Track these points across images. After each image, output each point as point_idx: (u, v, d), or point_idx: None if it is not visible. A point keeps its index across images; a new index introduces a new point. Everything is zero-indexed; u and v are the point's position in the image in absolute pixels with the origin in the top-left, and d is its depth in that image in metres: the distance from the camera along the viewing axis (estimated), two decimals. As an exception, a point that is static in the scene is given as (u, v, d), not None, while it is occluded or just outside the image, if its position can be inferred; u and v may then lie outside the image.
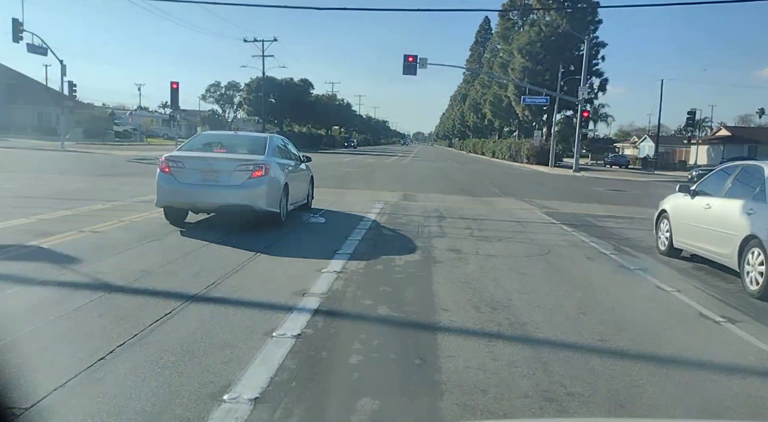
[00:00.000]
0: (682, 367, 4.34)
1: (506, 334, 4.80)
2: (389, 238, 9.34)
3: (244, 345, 4.22)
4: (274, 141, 11.12)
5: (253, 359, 3.96)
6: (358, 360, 4.06)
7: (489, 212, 13.68)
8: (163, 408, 3.22)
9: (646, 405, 3.61)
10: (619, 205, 17.84)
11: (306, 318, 4.93)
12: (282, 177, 10.52)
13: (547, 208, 15.11)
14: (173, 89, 42.47)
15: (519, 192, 20.85)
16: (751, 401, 3.78)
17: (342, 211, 13.02)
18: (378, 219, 11.54)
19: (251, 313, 5.09)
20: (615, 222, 13.09)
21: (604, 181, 32.57)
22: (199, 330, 4.53)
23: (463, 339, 4.63)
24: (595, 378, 3.92)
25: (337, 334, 4.66)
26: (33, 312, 4.83)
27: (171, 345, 4.14)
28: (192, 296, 5.46)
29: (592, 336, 4.85)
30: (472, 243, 9.10)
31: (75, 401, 3.27)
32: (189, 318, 4.84)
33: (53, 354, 3.97)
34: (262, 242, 8.49)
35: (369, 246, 8.54)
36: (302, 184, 12.43)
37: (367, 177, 25.10)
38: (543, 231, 10.95)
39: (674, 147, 72.84)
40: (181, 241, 8.43)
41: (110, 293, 5.44)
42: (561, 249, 8.87)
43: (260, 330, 4.59)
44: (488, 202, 16.27)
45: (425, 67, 41.90)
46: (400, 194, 17.20)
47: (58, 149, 36.74)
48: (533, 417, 3.33)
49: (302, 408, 3.31)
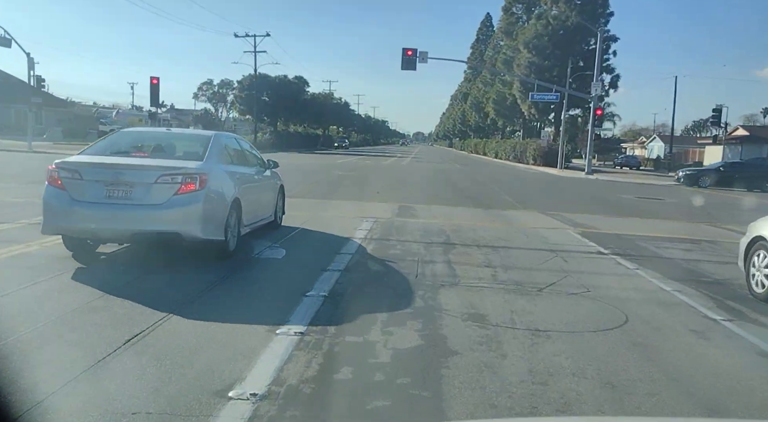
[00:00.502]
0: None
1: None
2: (373, 289, 6.14)
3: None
4: (220, 141, 7.96)
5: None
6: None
7: (509, 233, 10.49)
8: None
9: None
10: (664, 219, 14.63)
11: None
12: (230, 190, 7.43)
13: (581, 226, 11.93)
14: (153, 85, 39.22)
15: (536, 201, 17.65)
16: None
17: (319, 231, 9.88)
18: (363, 247, 8.38)
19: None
20: (678, 248, 9.89)
21: (624, 186, 29.37)
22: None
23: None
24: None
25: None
26: None
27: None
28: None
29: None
30: (501, 298, 5.91)
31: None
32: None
33: None
34: (184, 291, 5.49)
35: (340, 307, 5.36)
36: (265, 197, 9.30)
37: (360, 182, 21.90)
38: (594, 268, 7.75)
39: (686, 147, 69.51)
40: (67, 288, 5.53)
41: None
42: (642, 311, 5.66)
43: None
44: (504, 217, 13.07)
45: (425, 61, 38.78)
46: (395, 206, 14.01)
47: (24, 150, 33.52)
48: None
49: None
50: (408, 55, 37.96)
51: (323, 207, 13.39)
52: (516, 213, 14.11)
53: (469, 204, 15.68)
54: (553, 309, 5.59)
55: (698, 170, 34.34)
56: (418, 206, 14.30)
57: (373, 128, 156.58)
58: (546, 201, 18.00)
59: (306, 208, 13.01)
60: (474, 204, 15.72)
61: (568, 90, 41.89)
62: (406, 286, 6.23)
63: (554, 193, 22.37)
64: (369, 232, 9.82)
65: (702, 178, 31.31)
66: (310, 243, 8.78)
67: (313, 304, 5.34)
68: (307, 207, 13.18)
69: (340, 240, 8.97)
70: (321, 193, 16.89)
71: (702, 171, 33.52)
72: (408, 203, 14.80)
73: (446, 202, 15.91)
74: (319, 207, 13.35)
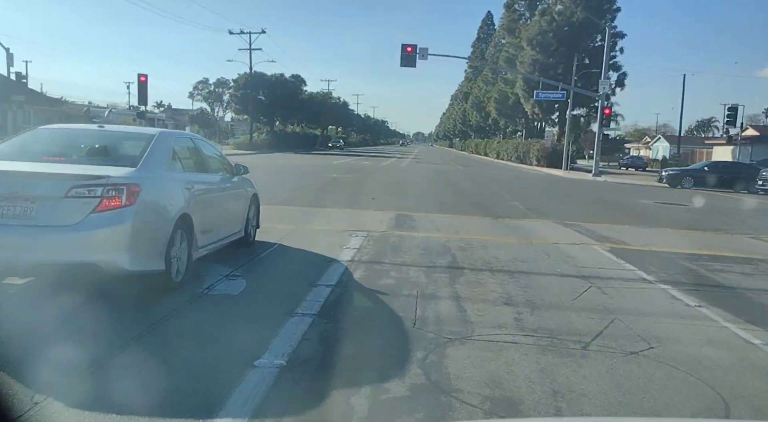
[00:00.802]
0: None
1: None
2: (352, 350, 4.40)
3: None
4: (166, 142, 6.24)
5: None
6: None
7: (527, 252, 8.77)
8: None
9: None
10: (696, 229, 12.89)
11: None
12: (177, 203, 5.77)
13: (608, 241, 10.21)
14: (141, 82, 37.49)
15: (548, 207, 15.93)
16: None
17: (300, 249, 8.20)
18: (349, 274, 6.68)
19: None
20: (734, 271, 8.15)
21: (637, 189, 27.66)
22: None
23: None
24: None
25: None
26: None
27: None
28: None
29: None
30: (534, 364, 4.17)
31: None
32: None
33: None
34: (82, 355, 3.76)
35: (300, 386, 3.64)
36: (232, 209, 7.59)
37: (355, 186, 20.18)
38: (646, 306, 6.01)
39: (692, 147, 67.64)
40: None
41: None
42: (741, 387, 3.90)
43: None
44: (517, 229, 11.35)
45: (425, 58, 37.15)
46: (392, 215, 12.30)
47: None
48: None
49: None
50: (407, 51, 36.32)
51: (310, 217, 11.69)
52: (529, 223, 12.39)
53: (475, 212, 13.95)
54: (612, 384, 3.86)
55: (682, 170, 32.84)
56: (418, 215, 12.58)
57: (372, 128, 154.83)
58: (558, 207, 16.28)
59: (290, 217, 11.33)
60: (481, 212, 14.00)
61: (573, 87, 40.14)
62: (401, 343, 4.49)
63: (565, 197, 20.64)
64: (358, 252, 8.11)
65: (686, 178, 29.84)
66: (283, 268, 7.05)
67: (262, 382, 3.61)
68: (291, 216, 11.49)
69: (322, 263, 7.25)
70: (310, 199, 15.19)
71: (686, 171, 31.98)
72: (406, 211, 13.09)
73: (449, 209, 14.18)
74: (306, 217, 11.65)
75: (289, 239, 8.88)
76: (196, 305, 5.28)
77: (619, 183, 31.41)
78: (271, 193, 15.77)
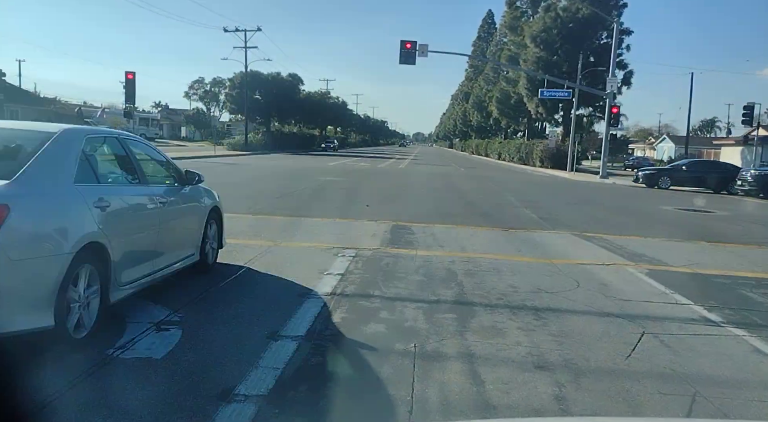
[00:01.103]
0: None
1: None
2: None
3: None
4: (67, 144, 4.51)
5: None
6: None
7: (551, 278, 7.14)
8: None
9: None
10: (737, 243, 11.23)
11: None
12: (78, 228, 4.20)
13: (642, 260, 8.60)
14: (128, 80, 35.92)
15: (563, 215, 14.32)
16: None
17: (270, 275, 6.61)
18: (326, 316, 5.08)
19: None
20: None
21: (652, 193, 26.03)
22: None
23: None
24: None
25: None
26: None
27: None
28: None
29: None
30: None
31: None
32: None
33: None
34: None
35: None
36: (178, 228, 5.94)
37: (348, 191, 18.57)
38: (727, 369, 4.39)
39: (699, 148, 66.04)
40: None
41: None
42: None
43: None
44: (533, 244, 9.73)
45: (425, 55, 35.60)
46: (387, 227, 10.69)
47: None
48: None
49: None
50: (407, 48, 34.83)
51: (293, 229, 10.10)
52: (545, 236, 10.76)
53: (482, 221, 12.33)
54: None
55: (659, 169, 31.36)
56: (417, 226, 10.97)
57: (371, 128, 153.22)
58: (573, 215, 14.68)
59: (269, 230, 9.76)
60: (488, 221, 12.38)
61: (580, 86, 38.52)
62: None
63: (577, 202, 19.02)
64: (342, 279, 6.50)
65: (663, 177, 28.39)
66: (241, 308, 5.43)
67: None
68: (271, 229, 9.93)
69: (294, 298, 5.66)
70: (296, 206, 13.58)
71: (663, 170, 30.44)
72: (404, 221, 11.47)
73: (452, 218, 12.56)
74: (288, 229, 10.06)
75: (260, 261, 7.28)
76: (93, 380, 3.64)
77: (629, 186, 29.80)
78: (253, 200, 14.17)
